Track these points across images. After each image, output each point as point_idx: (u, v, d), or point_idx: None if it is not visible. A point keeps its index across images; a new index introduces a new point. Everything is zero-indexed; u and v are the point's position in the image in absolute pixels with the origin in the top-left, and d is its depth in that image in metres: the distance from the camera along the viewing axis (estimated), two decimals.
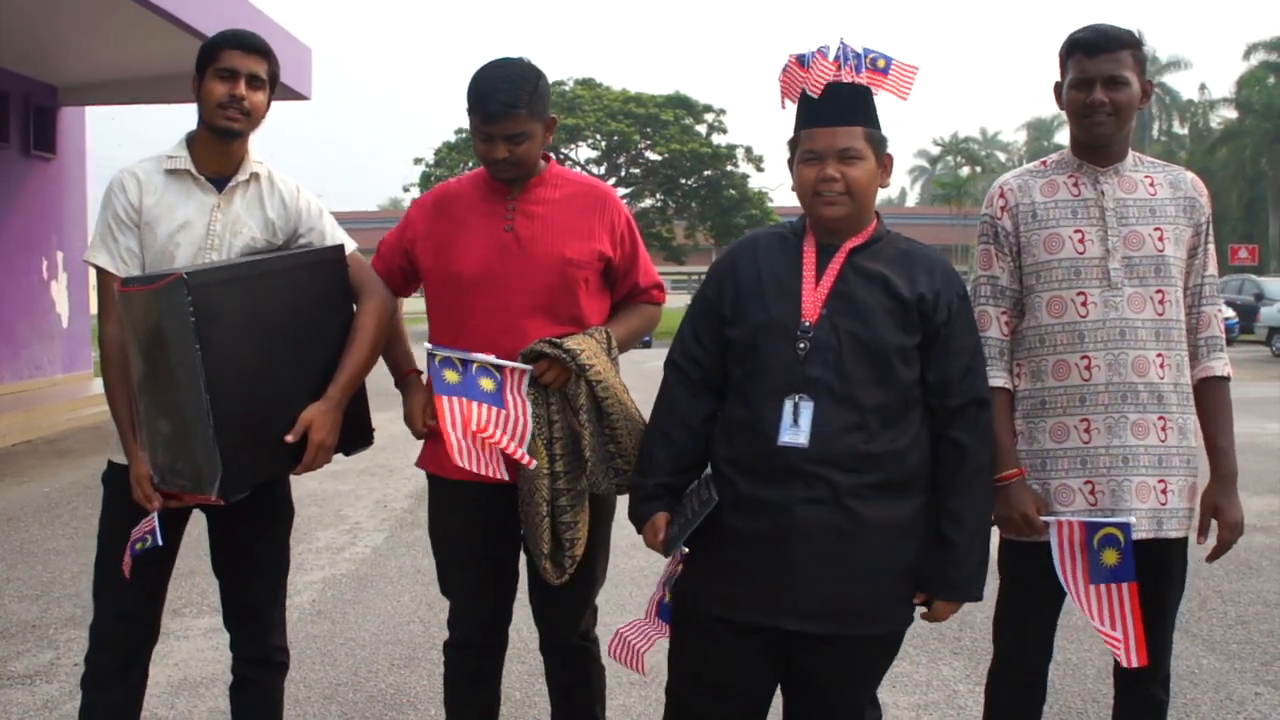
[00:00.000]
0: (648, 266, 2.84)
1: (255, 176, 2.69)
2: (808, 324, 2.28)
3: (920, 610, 2.35)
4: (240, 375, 2.43)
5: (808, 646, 2.31)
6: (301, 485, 2.64)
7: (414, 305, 3.11)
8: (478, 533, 2.70)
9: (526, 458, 2.51)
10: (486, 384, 2.54)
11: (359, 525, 6.69)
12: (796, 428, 2.23)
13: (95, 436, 10.14)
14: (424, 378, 2.72)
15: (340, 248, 2.73)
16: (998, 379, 2.54)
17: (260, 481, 2.56)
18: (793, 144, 2.40)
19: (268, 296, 2.51)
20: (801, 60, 2.36)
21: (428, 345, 2.59)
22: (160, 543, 2.47)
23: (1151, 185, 2.54)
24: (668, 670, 2.54)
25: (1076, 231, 2.51)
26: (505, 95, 2.55)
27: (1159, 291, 2.48)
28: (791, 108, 2.41)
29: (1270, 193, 42.45)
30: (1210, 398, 2.56)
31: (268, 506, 2.72)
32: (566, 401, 2.60)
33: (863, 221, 2.36)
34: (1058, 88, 2.58)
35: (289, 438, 2.50)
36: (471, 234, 2.67)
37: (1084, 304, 2.48)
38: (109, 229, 2.61)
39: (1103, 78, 2.45)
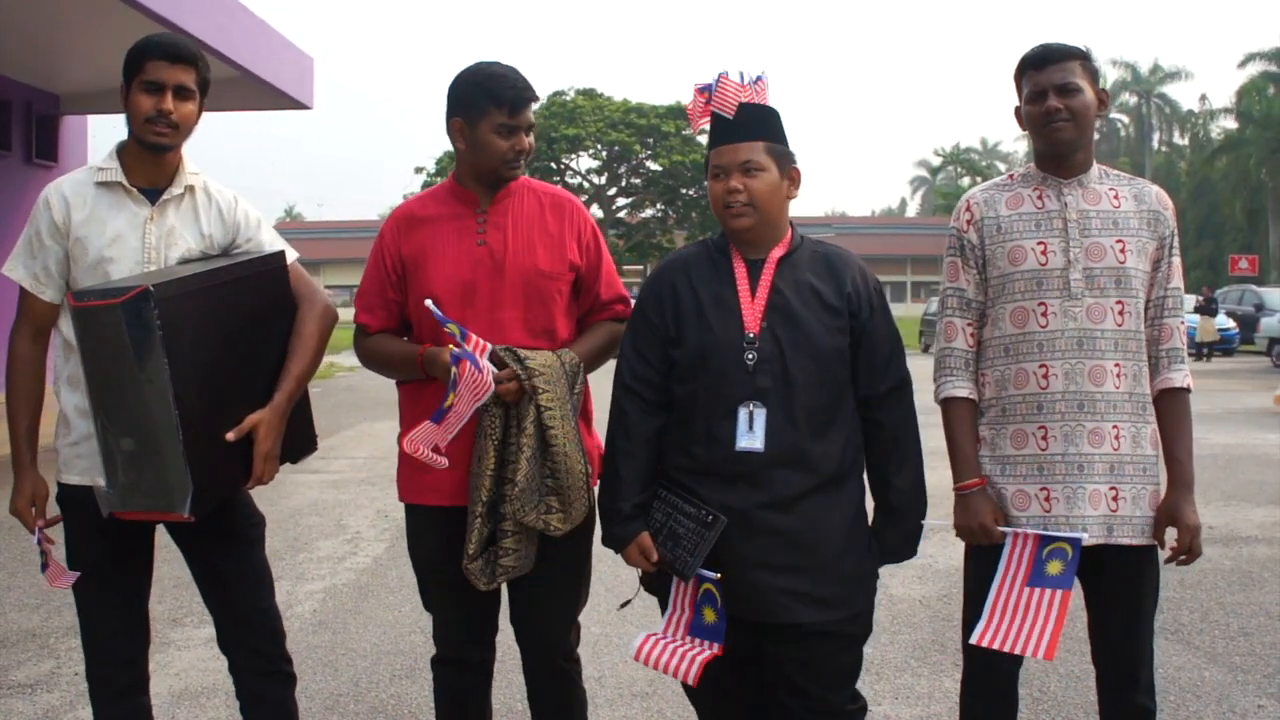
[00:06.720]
0: (611, 279, 2.80)
1: (190, 189, 2.62)
2: (753, 335, 2.41)
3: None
4: (201, 388, 2.37)
5: (777, 638, 2.42)
6: (302, 495, 2.63)
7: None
8: (455, 553, 2.64)
9: (442, 460, 2.47)
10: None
11: (360, 535, 6.67)
12: (752, 433, 2.39)
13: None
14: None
15: (282, 254, 2.68)
16: (961, 389, 2.63)
17: (222, 496, 2.51)
18: (705, 165, 2.55)
19: (222, 307, 2.47)
20: (706, 90, 2.49)
21: (427, 302, 2.48)
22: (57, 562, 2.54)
23: (1116, 198, 2.59)
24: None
25: (1039, 243, 2.56)
26: (524, 84, 2.59)
27: (1119, 302, 2.53)
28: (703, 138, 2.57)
29: (1271, 203, 42.38)
30: (1169, 409, 2.59)
31: (228, 523, 2.66)
32: (514, 418, 2.54)
33: (778, 232, 2.49)
34: (1017, 111, 2.64)
35: (230, 435, 2.42)
36: (445, 250, 2.64)
37: (1044, 314, 2.54)
38: (29, 245, 2.56)
39: (1054, 86, 2.53)
